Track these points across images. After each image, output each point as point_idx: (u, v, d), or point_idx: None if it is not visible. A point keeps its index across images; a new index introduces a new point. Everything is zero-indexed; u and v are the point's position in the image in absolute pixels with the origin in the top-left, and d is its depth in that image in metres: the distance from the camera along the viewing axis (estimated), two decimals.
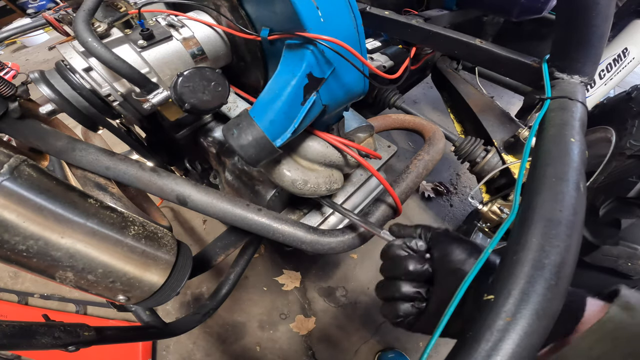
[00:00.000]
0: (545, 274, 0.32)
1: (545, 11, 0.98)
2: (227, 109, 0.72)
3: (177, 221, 1.76)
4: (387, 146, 0.91)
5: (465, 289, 0.36)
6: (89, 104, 0.54)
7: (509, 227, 0.42)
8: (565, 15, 0.60)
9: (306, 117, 0.50)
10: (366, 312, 1.47)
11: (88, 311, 1.47)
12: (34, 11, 3.45)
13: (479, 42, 0.80)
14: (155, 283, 0.52)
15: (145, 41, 0.54)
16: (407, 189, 0.72)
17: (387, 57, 1.06)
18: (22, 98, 0.57)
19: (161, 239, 0.55)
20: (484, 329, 0.30)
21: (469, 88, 1.12)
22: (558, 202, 0.38)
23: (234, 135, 0.51)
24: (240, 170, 0.74)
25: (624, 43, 1.29)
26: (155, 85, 0.52)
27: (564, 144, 0.46)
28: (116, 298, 0.51)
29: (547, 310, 0.30)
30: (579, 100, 0.55)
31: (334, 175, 0.65)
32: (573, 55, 0.61)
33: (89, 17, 0.50)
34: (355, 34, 0.51)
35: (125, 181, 0.59)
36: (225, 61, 0.67)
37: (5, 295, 1.50)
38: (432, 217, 1.83)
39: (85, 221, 0.46)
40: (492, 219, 0.85)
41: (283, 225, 0.61)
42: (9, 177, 0.42)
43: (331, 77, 0.50)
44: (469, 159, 0.95)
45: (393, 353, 1.32)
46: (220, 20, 0.61)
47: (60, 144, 0.57)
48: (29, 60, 3.35)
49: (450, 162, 2.10)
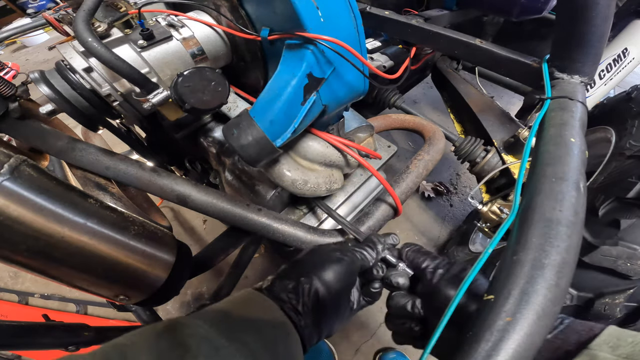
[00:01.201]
0: (545, 274, 0.32)
1: (545, 11, 0.98)
2: (227, 109, 0.72)
3: (177, 221, 1.76)
4: (387, 146, 0.91)
5: (465, 288, 0.36)
6: (89, 104, 0.54)
7: (509, 227, 0.42)
8: (565, 15, 0.60)
9: (306, 117, 0.50)
10: (366, 312, 1.47)
11: (88, 311, 1.47)
12: (34, 11, 3.44)
13: (479, 42, 0.80)
14: (155, 283, 0.52)
15: (145, 41, 0.54)
16: (407, 189, 0.72)
17: (387, 57, 1.06)
18: (22, 98, 0.57)
19: (161, 238, 0.55)
20: (484, 329, 0.30)
21: (469, 88, 1.12)
22: (558, 202, 0.38)
23: (234, 135, 0.51)
24: (240, 170, 0.74)
25: (624, 43, 1.29)
26: (155, 85, 0.52)
27: (564, 144, 0.46)
28: (116, 298, 0.51)
29: (547, 310, 0.30)
30: (579, 100, 0.55)
31: (334, 175, 0.65)
32: (573, 55, 0.61)
33: (89, 17, 0.50)
34: (355, 34, 0.51)
35: (125, 181, 0.59)
36: (225, 61, 0.67)
37: (5, 295, 1.50)
38: (432, 217, 1.83)
39: (86, 221, 0.46)
40: (492, 219, 0.85)
41: (283, 225, 0.61)
42: (9, 177, 0.42)
43: (331, 77, 0.50)
44: (469, 159, 0.95)
45: (394, 354, 1.32)
46: (220, 20, 0.61)
47: (60, 144, 0.57)
48: (29, 60, 3.35)
49: (450, 162, 2.10)
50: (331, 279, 0.45)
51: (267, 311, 0.40)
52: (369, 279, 0.51)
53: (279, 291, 0.43)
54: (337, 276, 0.45)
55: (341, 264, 0.47)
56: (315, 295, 0.43)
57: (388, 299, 0.50)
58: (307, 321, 0.41)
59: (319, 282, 0.44)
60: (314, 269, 0.45)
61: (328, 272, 0.45)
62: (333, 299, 0.44)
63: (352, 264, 0.48)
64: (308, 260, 0.48)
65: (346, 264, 0.47)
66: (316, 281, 0.44)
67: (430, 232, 1.76)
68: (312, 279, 0.44)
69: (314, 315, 0.42)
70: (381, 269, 0.51)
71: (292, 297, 0.42)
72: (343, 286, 0.46)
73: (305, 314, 0.42)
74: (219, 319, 0.36)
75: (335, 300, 0.45)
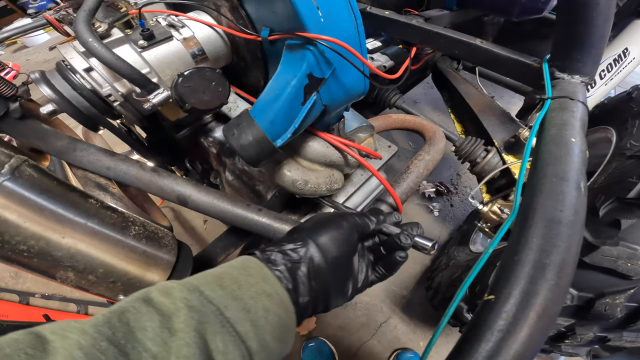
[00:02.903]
0: (546, 274, 0.32)
1: (546, 11, 0.98)
2: (227, 109, 0.72)
3: (178, 221, 1.76)
4: (387, 146, 0.91)
5: (465, 288, 0.36)
6: (89, 104, 0.54)
7: (510, 227, 0.42)
8: (565, 15, 0.60)
9: (306, 117, 0.50)
10: (366, 312, 1.47)
11: (89, 311, 1.47)
12: (35, 11, 3.44)
13: (480, 42, 0.80)
14: (155, 283, 0.52)
15: (145, 41, 0.54)
16: (407, 189, 0.72)
17: (387, 57, 1.06)
18: (22, 98, 0.57)
19: (162, 239, 0.55)
20: (485, 329, 0.30)
21: (469, 88, 1.11)
22: (559, 202, 0.38)
23: (235, 136, 0.51)
24: (240, 170, 0.74)
25: (625, 43, 1.29)
26: (155, 85, 0.52)
27: (565, 144, 0.46)
28: (117, 298, 0.51)
29: (548, 310, 0.30)
30: (579, 100, 0.55)
31: (334, 175, 0.65)
32: (574, 55, 0.61)
33: (90, 17, 0.50)
34: (356, 34, 0.51)
35: (125, 181, 0.59)
36: (226, 61, 0.67)
37: (6, 295, 1.50)
38: (433, 217, 1.83)
39: (86, 221, 0.47)
40: (492, 219, 0.85)
41: (284, 225, 0.61)
42: (10, 177, 0.42)
43: (331, 77, 0.50)
44: (469, 159, 0.95)
45: (411, 353, 1.33)
46: (221, 20, 0.61)
47: (61, 144, 0.57)
48: (29, 60, 3.35)
49: (450, 162, 2.10)
50: (328, 244, 0.42)
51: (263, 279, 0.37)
52: (394, 247, 0.47)
53: (274, 257, 0.40)
54: (334, 241, 0.42)
55: (339, 228, 0.44)
56: (310, 261, 0.40)
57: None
58: (300, 289, 0.39)
59: (314, 247, 0.41)
60: (309, 234, 0.43)
61: (324, 237, 0.42)
62: (330, 266, 0.42)
63: (351, 228, 0.45)
64: (305, 226, 0.46)
65: (345, 229, 0.44)
66: (312, 246, 0.41)
67: (430, 232, 1.76)
68: (308, 244, 0.41)
69: (309, 283, 0.40)
70: (410, 237, 0.47)
71: (287, 263, 0.39)
72: (341, 252, 0.43)
73: (298, 281, 0.39)
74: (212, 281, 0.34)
75: (333, 268, 0.42)
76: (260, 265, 0.38)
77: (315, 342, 1.36)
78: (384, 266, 0.48)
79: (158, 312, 0.29)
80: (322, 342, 1.36)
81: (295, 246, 0.41)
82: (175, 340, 0.27)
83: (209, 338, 0.29)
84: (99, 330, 0.26)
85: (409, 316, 1.47)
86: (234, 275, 0.36)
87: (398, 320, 1.46)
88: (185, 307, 0.30)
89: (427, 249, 0.47)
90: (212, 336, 0.29)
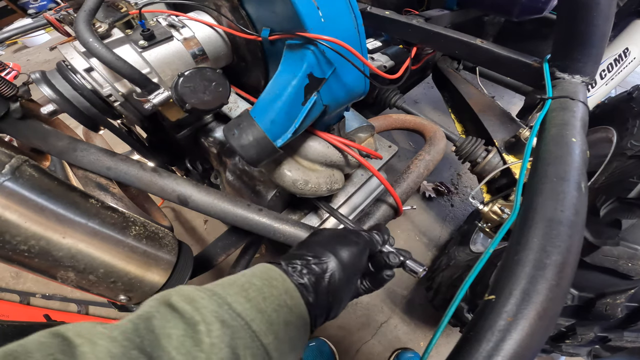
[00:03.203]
0: (546, 274, 0.32)
1: (546, 11, 0.98)
2: (227, 109, 0.72)
3: (178, 221, 1.76)
4: (387, 146, 0.91)
5: (466, 288, 0.36)
6: (90, 104, 0.54)
7: (510, 227, 0.42)
8: (566, 15, 0.60)
9: (307, 117, 0.50)
10: (366, 312, 1.47)
11: (90, 311, 1.47)
12: (35, 11, 3.45)
13: (480, 42, 0.80)
14: (156, 283, 0.52)
15: (146, 41, 0.54)
16: (408, 189, 0.72)
17: (387, 57, 1.06)
18: (23, 98, 0.57)
19: (162, 239, 0.55)
20: (485, 329, 0.30)
21: (469, 88, 1.11)
22: (559, 202, 0.38)
23: (235, 136, 0.51)
24: (241, 171, 0.74)
25: (625, 43, 1.29)
26: (156, 85, 0.52)
27: (565, 144, 0.46)
28: (117, 298, 0.51)
29: (549, 310, 0.30)
30: (580, 100, 0.55)
31: (334, 175, 0.65)
32: (574, 55, 0.61)
33: (90, 17, 0.50)
34: (356, 34, 0.51)
35: (126, 181, 0.59)
36: (226, 61, 0.67)
37: (7, 295, 1.50)
38: (433, 218, 1.83)
39: (87, 221, 0.47)
40: (493, 219, 0.85)
41: (284, 225, 0.61)
42: (11, 177, 0.42)
43: (332, 77, 0.50)
44: (469, 159, 0.95)
45: (412, 353, 1.33)
46: (221, 20, 0.61)
47: (61, 144, 0.57)
48: (30, 60, 3.36)
49: (451, 162, 2.09)
50: (348, 260, 0.44)
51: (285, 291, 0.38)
52: (382, 266, 0.50)
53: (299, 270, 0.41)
54: (353, 258, 0.45)
55: (357, 245, 0.47)
56: (332, 276, 0.42)
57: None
58: (319, 301, 0.40)
59: (336, 263, 0.43)
60: (331, 248, 0.45)
61: (345, 253, 0.44)
62: (346, 282, 0.44)
63: (364, 247, 0.48)
64: (322, 240, 0.48)
65: (361, 246, 0.47)
66: (334, 261, 0.43)
67: (431, 232, 1.76)
68: (331, 259, 0.43)
69: (327, 295, 0.41)
70: (399, 256, 0.50)
71: (309, 276, 0.41)
72: (356, 270, 0.46)
73: (319, 294, 0.40)
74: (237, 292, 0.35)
75: (347, 284, 0.44)
76: (283, 277, 0.39)
77: (315, 342, 1.36)
78: (370, 281, 0.51)
79: (182, 320, 0.29)
80: (322, 342, 1.36)
81: (320, 261, 0.43)
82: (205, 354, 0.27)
83: (240, 353, 0.29)
84: (128, 338, 0.26)
85: (409, 316, 1.47)
86: (259, 287, 0.36)
87: (398, 320, 1.46)
88: (217, 321, 0.30)
89: (418, 273, 0.50)
90: (243, 351, 0.29)
